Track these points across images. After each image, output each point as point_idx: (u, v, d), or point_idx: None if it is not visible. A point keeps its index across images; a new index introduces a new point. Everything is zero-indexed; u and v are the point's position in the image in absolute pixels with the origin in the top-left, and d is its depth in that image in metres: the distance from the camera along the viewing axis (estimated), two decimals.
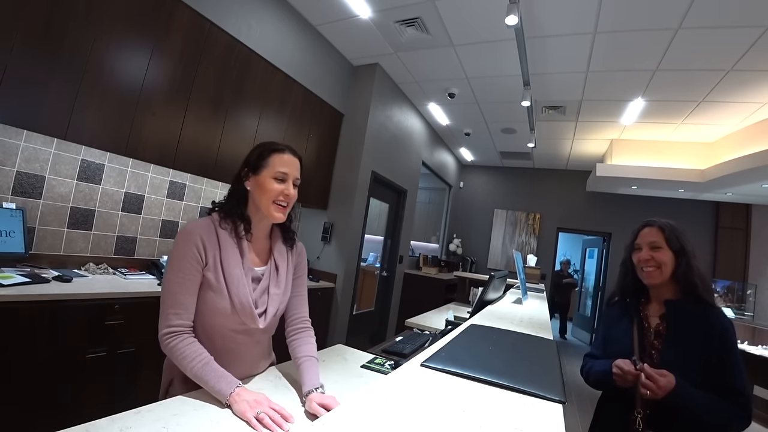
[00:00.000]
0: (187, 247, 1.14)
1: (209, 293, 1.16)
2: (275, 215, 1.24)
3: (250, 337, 1.25)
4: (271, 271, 1.30)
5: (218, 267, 1.17)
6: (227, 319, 1.18)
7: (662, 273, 1.35)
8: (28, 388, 1.74)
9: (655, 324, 1.38)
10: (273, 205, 1.23)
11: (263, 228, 1.31)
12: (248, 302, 1.18)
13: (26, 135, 2.16)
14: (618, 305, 1.56)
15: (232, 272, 1.17)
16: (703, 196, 6.27)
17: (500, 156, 7.76)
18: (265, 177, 1.23)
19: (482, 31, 3.60)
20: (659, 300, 1.40)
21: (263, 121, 3.39)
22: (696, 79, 3.85)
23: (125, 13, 2.27)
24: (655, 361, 1.30)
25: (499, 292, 2.68)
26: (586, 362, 1.56)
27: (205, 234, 1.18)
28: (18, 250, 2.04)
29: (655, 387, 1.16)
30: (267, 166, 1.23)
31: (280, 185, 1.23)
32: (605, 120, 5.29)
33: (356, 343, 2.10)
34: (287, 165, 1.25)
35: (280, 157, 1.25)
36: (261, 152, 1.26)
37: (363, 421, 0.57)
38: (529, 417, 0.66)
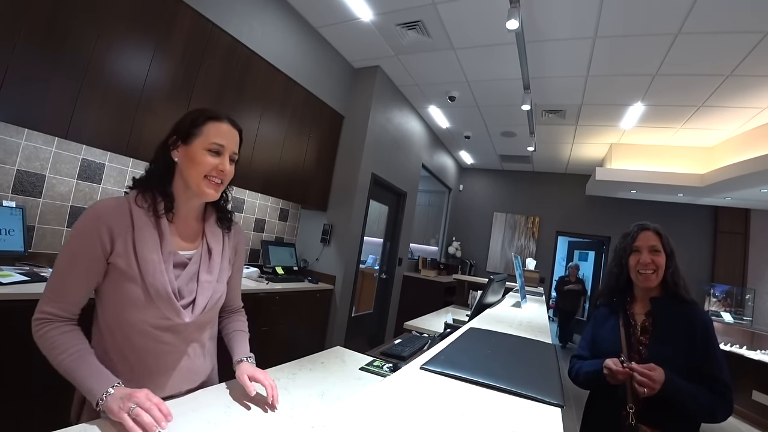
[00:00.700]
0: (91, 232, 0.97)
1: (122, 282, 0.99)
2: (206, 192, 1.07)
3: (177, 336, 1.07)
4: (202, 255, 1.13)
5: (130, 252, 0.99)
6: (145, 312, 1.00)
7: (658, 276, 1.42)
8: (25, 387, 1.74)
9: (641, 321, 1.44)
10: (204, 180, 1.06)
11: (193, 207, 1.14)
12: (166, 291, 1.00)
13: (27, 134, 2.16)
14: (605, 306, 1.60)
15: (147, 257, 0.99)
16: (701, 201, 6.28)
17: (500, 159, 7.77)
18: (197, 148, 1.05)
19: (483, 35, 3.61)
20: (644, 298, 1.47)
21: (264, 123, 3.39)
22: (695, 83, 3.87)
23: (128, 13, 2.28)
24: (643, 356, 1.35)
25: (498, 296, 2.68)
26: (574, 363, 1.60)
27: (115, 217, 0.99)
28: (17, 249, 2.04)
29: (650, 382, 1.20)
30: (200, 135, 1.06)
31: (214, 159, 1.06)
32: (605, 124, 5.30)
33: (355, 345, 2.09)
34: (224, 136, 1.08)
35: (216, 126, 1.08)
36: (194, 118, 1.07)
37: (362, 423, 0.57)
38: (528, 421, 0.67)
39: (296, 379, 1.32)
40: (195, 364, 1.14)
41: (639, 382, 1.21)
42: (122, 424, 0.80)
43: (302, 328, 3.74)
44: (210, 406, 1.04)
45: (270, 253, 3.82)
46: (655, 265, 1.41)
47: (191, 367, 1.12)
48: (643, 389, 1.21)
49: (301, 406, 1.12)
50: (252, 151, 3.29)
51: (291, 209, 4.39)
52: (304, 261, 4.37)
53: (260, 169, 3.42)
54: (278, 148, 3.61)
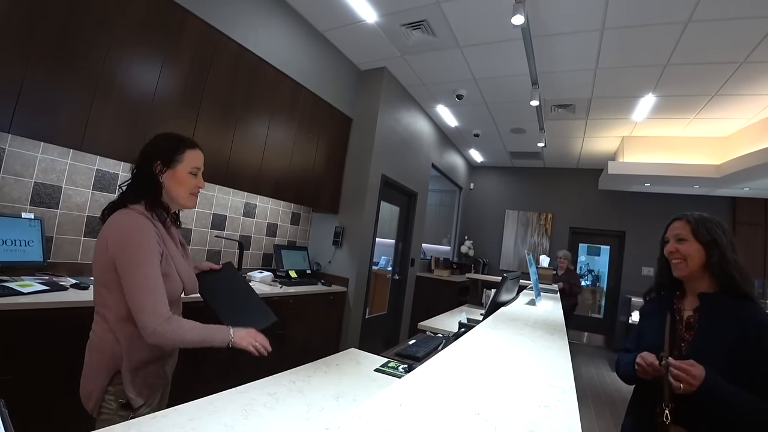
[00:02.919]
0: (152, 242, 1.21)
1: (165, 276, 1.23)
2: (191, 205, 1.39)
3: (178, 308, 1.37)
4: (179, 247, 1.41)
5: (167, 255, 1.27)
6: (176, 299, 1.31)
7: (688, 265, 1.34)
8: (46, 393, 1.77)
9: (687, 316, 1.37)
10: (190, 196, 1.37)
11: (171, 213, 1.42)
12: (193, 278, 1.38)
13: (43, 146, 2.21)
14: (654, 300, 1.56)
15: (178, 260, 1.31)
16: (718, 192, 6.15)
17: (510, 156, 7.71)
18: (182, 172, 1.33)
19: (488, 32, 3.59)
20: (694, 293, 1.39)
21: (273, 128, 3.42)
22: (708, 72, 3.79)
23: (137, 25, 2.32)
24: (684, 353, 1.29)
25: (512, 294, 2.66)
26: (620, 356, 1.56)
27: (154, 227, 1.24)
28: (36, 259, 2.08)
29: (687, 377, 1.14)
30: (182, 161, 1.32)
31: (193, 179, 1.36)
32: (616, 117, 5.23)
33: (369, 347, 2.10)
34: (199, 160, 1.38)
35: (194, 153, 1.36)
36: (175, 147, 1.33)
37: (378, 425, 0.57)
38: (544, 420, 0.66)
39: (311, 381, 1.33)
40: None
41: (675, 376, 1.16)
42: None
43: (316, 330, 3.76)
44: (226, 409, 1.05)
45: (283, 257, 3.85)
46: (680, 254, 1.35)
47: None
48: (678, 384, 1.15)
49: (316, 408, 1.12)
50: (262, 156, 3.32)
51: (302, 213, 4.41)
52: (317, 264, 4.39)
53: (271, 174, 3.44)
54: (288, 152, 3.64)
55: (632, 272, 7.13)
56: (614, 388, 4.71)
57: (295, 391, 1.23)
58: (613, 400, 4.31)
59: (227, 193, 3.41)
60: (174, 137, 1.37)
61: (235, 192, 3.48)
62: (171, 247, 1.30)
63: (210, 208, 3.29)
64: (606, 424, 3.63)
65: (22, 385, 1.69)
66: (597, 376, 5.33)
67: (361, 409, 0.62)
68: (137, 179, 1.30)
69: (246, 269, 3.53)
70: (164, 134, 1.38)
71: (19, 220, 2.04)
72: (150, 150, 1.32)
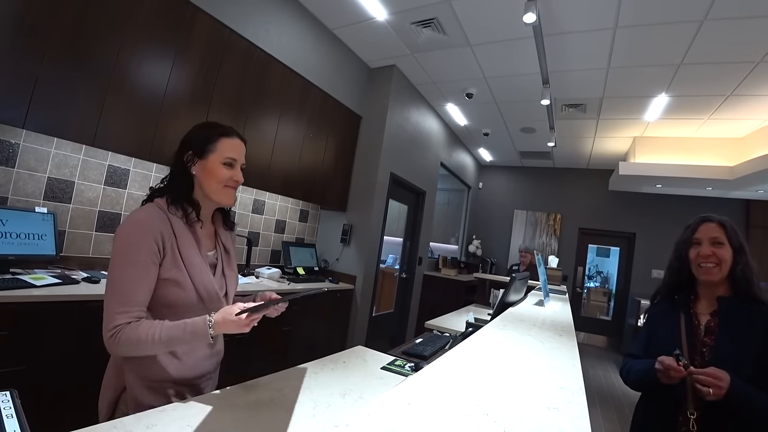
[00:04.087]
0: (144, 239, 1.05)
1: (170, 288, 1.09)
2: (225, 200, 1.22)
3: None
4: (221, 254, 1.28)
5: (177, 258, 1.10)
6: (194, 308, 1.11)
7: (721, 270, 1.31)
8: (58, 384, 1.80)
9: (706, 321, 1.33)
10: (224, 189, 1.19)
11: (208, 212, 1.26)
12: (214, 290, 1.16)
13: (56, 142, 2.24)
14: (664, 303, 1.51)
15: (193, 262, 1.12)
16: (732, 194, 6.06)
17: (520, 156, 7.66)
18: (214, 162, 1.17)
19: (499, 30, 3.56)
20: (710, 297, 1.36)
21: (282, 125, 3.43)
22: (723, 72, 3.73)
23: (148, 23, 2.34)
24: (707, 358, 1.26)
25: (520, 294, 2.64)
26: (626, 362, 1.51)
27: (162, 225, 1.09)
28: (49, 253, 2.11)
29: (716, 382, 1.11)
30: (215, 151, 1.17)
31: (229, 170, 1.19)
32: (628, 117, 5.17)
33: (376, 345, 2.10)
34: (236, 150, 1.21)
35: (229, 141, 1.20)
36: (207, 135, 1.19)
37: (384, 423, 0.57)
38: (553, 421, 0.65)
39: (318, 378, 1.33)
40: (218, 347, 1.29)
41: (703, 382, 1.13)
42: None
43: (323, 328, 3.77)
44: (235, 406, 1.05)
45: (291, 253, 3.86)
46: (717, 258, 1.31)
47: (218, 349, 1.29)
48: (708, 389, 1.12)
49: (323, 405, 1.13)
50: (271, 153, 3.33)
51: (311, 210, 4.43)
52: (325, 261, 4.40)
53: (280, 171, 3.46)
54: (297, 149, 3.65)
55: (642, 274, 7.05)
56: (622, 392, 4.67)
57: (302, 388, 1.23)
58: (620, 403, 4.28)
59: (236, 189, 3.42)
60: (209, 125, 1.24)
61: (244, 188, 3.50)
62: (187, 250, 1.12)
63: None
64: (614, 427, 3.60)
65: (34, 376, 1.72)
66: (605, 378, 5.29)
67: (369, 407, 0.62)
68: (171, 172, 1.22)
69: (254, 265, 3.55)
70: (202, 123, 1.27)
71: (32, 214, 2.06)
72: (184, 140, 1.21)
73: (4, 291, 1.67)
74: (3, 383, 0.83)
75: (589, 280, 8.14)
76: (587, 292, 8.05)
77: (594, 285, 8.23)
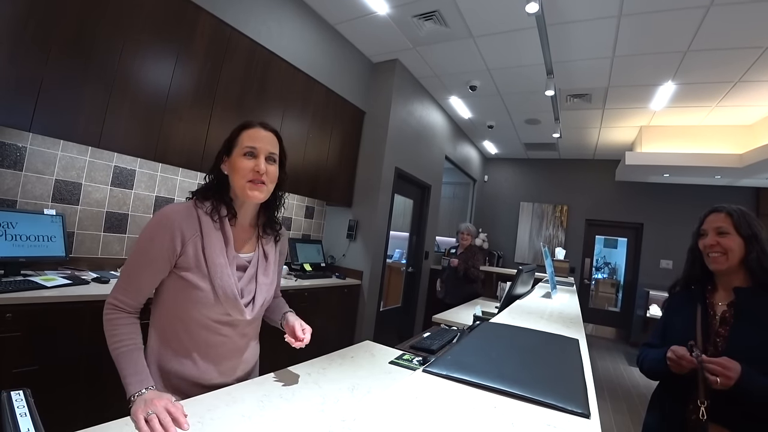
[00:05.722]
0: (163, 234, 1.07)
1: (190, 282, 1.09)
2: (250, 194, 1.15)
3: (234, 329, 1.19)
4: (259, 259, 1.24)
5: (200, 255, 1.10)
6: (211, 309, 1.11)
7: (728, 259, 1.31)
8: (70, 383, 1.83)
9: (722, 311, 1.33)
10: (248, 184, 1.14)
11: (247, 213, 1.24)
12: (232, 291, 1.12)
13: (63, 144, 2.26)
14: (681, 293, 1.51)
15: (215, 261, 1.10)
16: (741, 182, 5.98)
17: (525, 148, 7.61)
18: (237, 156, 1.15)
19: (502, 21, 3.53)
20: (727, 287, 1.35)
21: (286, 122, 3.43)
22: (731, 58, 3.67)
23: (150, 23, 2.34)
24: (720, 349, 1.26)
25: (527, 287, 2.64)
26: (642, 351, 1.52)
27: (186, 221, 1.10)
28: (59, 254, 2.14)
29: (723, 371, 1.11)
30: (237, 145, 1.16)
31: (250, 162, 1.14)
32: (633, 106, 5.11)
33: (384, 339, 2.10)
34: (256, 139, 1.17)
35: (248, 132, 1.18)
36: (233, 132, 1.20)
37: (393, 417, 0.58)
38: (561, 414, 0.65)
39: (327, 373, 1.34)
40: (245, 355, 1.26)
41: (710, 371, 1.13)
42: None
43: (331, 323, 3.79)
44: (243, 400, 1.06)
45: (297, 250, 3.88)
46: (721, 248, 1.31)
47: (243, 357, 1.25)
48: (715, 378, 1.12)
49: (331, 399, 1.13)
50: None
51: (316, 206, 4.44)
52: (331, 257, 4.42)
53: None
54: (301, 146, 3.65)
55: (650, 265, 6.99)
56: (631, 383, 4.66)
57: (310, 383, 1.24)
58: (630, 395, 4.26)
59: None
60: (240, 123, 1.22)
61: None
62: (211, 248, 1.11)
63: None
64: (623, 419, 3.59)
65: (46, 376, 1.75)
66: (613, 370, 5.27)
67: (377, 401, 0.62)
68: (208, 174, 1.23)
69: None
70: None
71: (41, 217, 2.09)
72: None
73: (15, 293, 1.69)
74: (16, 383, 0.85)
75: (597, 272, 8.10)
76: (595, 283, 8.01)
77: (602, 276, 8.19)
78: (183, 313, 1.12)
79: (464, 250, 4.68)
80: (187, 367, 1.13)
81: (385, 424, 0.55)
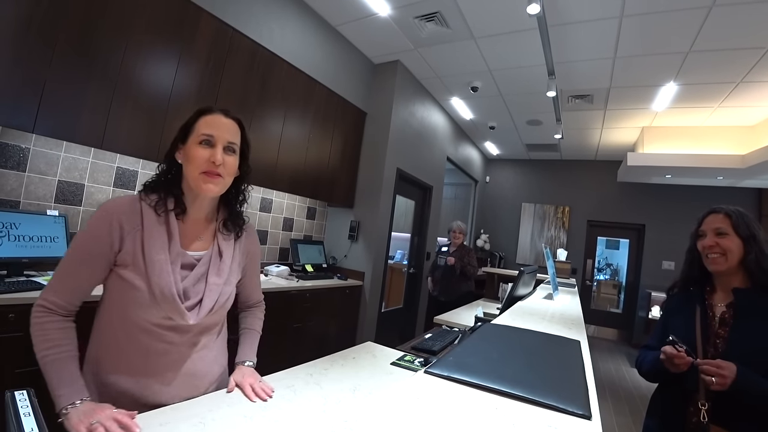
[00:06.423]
0: (100, 228, 0.99)
1: (128, 280, 0.99)
2: (203, 187, 1.05)
3: (182, 336, 1.07)
4: (212, 257, 1.13)
5: (138, 251, 1.00)
6: (149, 311, 1.00)
7: (728, 260, 1.31)
8: None
9: (721, 312, 1.33)
10: (201, 175, 1.04)
11: (202, 207, 1.14)
12: (170, 291, 1.00)
13: (66, 146, 2.27)
14: (680, 295, 1.51)
15: (154, 257, 1.00)
16: (743, 183, 5.97)
17: (526, 149, 7.61)
18: (192, 144, 1.06)
19: (503, 22, 3.53)
20: (725, 288, 1.35)
21: (288, 123, 3.44)
22: (733, 59, 3.66)
23: (153, 25, 2.35)
24: (720, 350, 1.25)
25: (529, 288, 2.64)
26: (641, 353, 1.52)
27: (126, 215, 1.01)
28: (62, 255, 2.12)
29: (718, 370, 1.11)
30: (193, 132, 1.07)
31: (205, 151, 1.05)
32: (635, 107, 5.10)
33: (385, 340, 2.10)
34: (214, 126, 1.07)
35: (206, 118, 1.08)
36: (189, 117, 1.11)
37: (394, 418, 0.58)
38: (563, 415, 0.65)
39: (328, 374, 1.34)
40: (197, 368, 1.12)
41: (706, 371, 1.13)
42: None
43: (333, 324, 3.79)
44: (245, 401, 1.06)
45: (299, 251, 3.88)
46: (720, 248, 1.31)
47: (193, 371, 1.11)
48: (711, 379, 1.12)
49: (333, 400, 1.13)
50: (278, 151, 3.35)
51: (318, 207, 4.44)
52: (333, 258, 4.42)
53: (286, 169, 3.47)
54: (303, 147, 3.66)
55: (652, 266, 6.98)
56: (633, 385, 4.65)
57: (312, 384, 1.24)
58: (632, 396, 4.25)
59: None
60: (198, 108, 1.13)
61: (251, 187, 3.51)
62: (151, 243, 1.01)
63: None
64: (625, 420, 3.58)
65: None
66: (615, 371, 5.26)
67: (379, 402, 0.62)
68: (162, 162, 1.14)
69: (263, 263, 3.57)
70: None
71: (44, 217, 2.09)
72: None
73: (18, 293, 1.70)
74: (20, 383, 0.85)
75: (599, 273, 8.09)
76: (597, 284, 7.99)
77: (604, 277, 8.17)
78: (123, 315, 1.02)
79: (457, 248, 4.75)
80: (126, 379, 1.01)
81: (386, 425, 0.55)
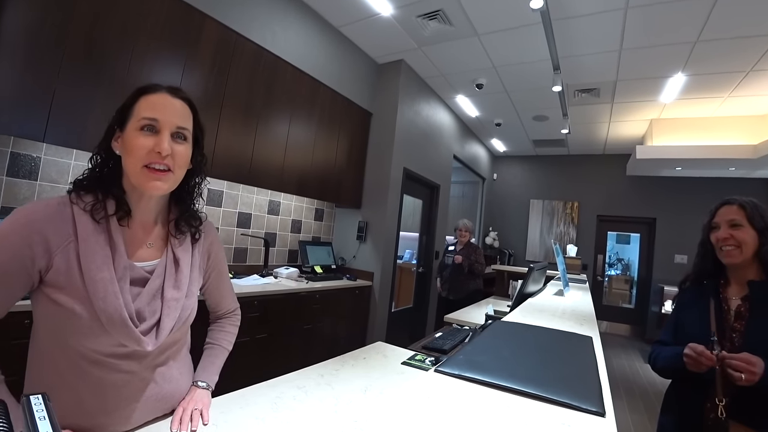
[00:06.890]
0: (14, 240, 0.76)
1: (62, 306, 0.78)
2: (148, 185, 0.84)
3: (141, 362, 0.88)
4: (167, 267, 0.92)
5: (73, 269, 0.79)
6: (95, 340, 0.80)
7: (743, 252, 1.28)
8: None
9: (736, 306, 1.30)
10: (144, 170, 0.82)
11: (149, 208, 0.92)
12: (120, 316, 0.80)
13: (75, 154, 2.30)
14: (692, 288, 1.48)
15: (94, 276, 0.79)
16: (756, 174, 5.87)
17: (533, 145, 7.56)
18: (131, 130, 0.83)
19: (506, 18, 3.51)
20: (740, 281, 1.33)
21: (294, 125, 3.45)
22: (742, 47, 3.60)
23: (158, 32, 2.37)
24: (737, 344, 1.23)
25: (539, 285, 2.62)
26: (654, 349, 1.49)
27: (53, 224, 0.79)
28: None
29: (748, 367, 1.08)
30: (132, 115, 0.84)
31: (147, 139, 0.82)
32: (643, 99, 5.04)
33: (396, 340, 2.10)
34: (158, 108, 0.85)
35: (148, 98, 0.85)
36: (127, 98, 0.88)
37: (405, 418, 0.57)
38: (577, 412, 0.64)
39: (339, 374, 1.34)
40: (164, 390, 0.94)
41: (734, 366, 1.10)
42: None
43: (343, 324, 3.80)
44: (257, 402, 1.07)
45: (308, 252, 3.90)
46: (735, 240, 1.28)
47: (160, 394, 0.94)
48: (740, 375, 1.09)
49: (344, 401, 1.14)
50: (284, 154, 3.36)
51: (326, 209, 4.45)
52: (342, 259, 4.43)
53: (293, 172, 3.48)
54: (309, 149, 3.67)
55: (664, 260, 6.89)
56: (648, 381, 4.59)
57: (323, 385, 1.24)
58: (646, 393, 4.20)
59: (251, 191, 3.47)
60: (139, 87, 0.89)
61: (259, 190, 3.54)
62: (89, 258, 0.80)
63: (235, 207, 3.36)
64: (640, 418, 3.54)
65: None
66: (629, 367, 5.20)
67: (390, 401, 0.62)
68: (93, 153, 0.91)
69: (272, 266, 3.59)
70: None
71: None
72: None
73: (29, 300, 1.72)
74: None
75: (610, 268, 8.00)
76: (608, 280, 7.91)
77: (615, 273, 8.08)
78: (63, 346, 0.81)
79: (464, 246, 4.69)
80: (82, 420, 0.82)
81: (398, 425, 0.55)
